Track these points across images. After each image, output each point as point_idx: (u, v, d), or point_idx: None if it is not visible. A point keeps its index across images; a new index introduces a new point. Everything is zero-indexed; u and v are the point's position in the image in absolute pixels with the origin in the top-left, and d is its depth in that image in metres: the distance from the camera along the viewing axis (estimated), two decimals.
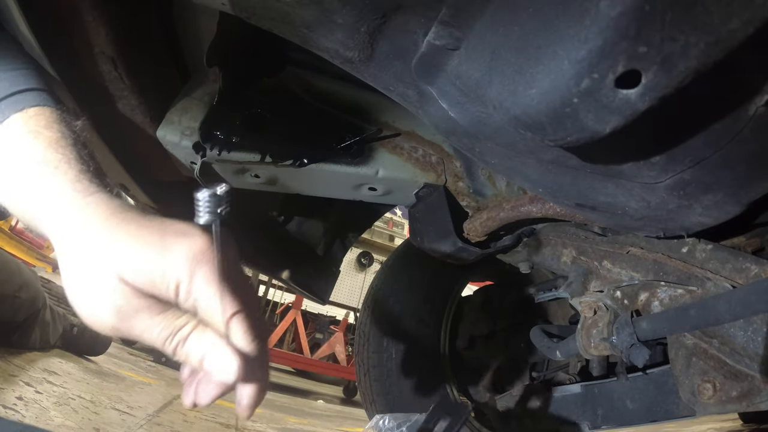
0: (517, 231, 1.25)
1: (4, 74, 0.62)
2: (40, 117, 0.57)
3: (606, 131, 0.45)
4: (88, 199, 0.48)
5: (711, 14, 0.38)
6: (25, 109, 0.57)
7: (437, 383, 1.38)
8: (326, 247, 1.62)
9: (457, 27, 0.52)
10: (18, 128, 0.55)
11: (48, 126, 0.55)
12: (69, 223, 0.46)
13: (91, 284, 0.43)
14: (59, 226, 0.47)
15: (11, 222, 5.42)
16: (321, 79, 1.19)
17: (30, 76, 0.64)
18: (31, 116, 0.56)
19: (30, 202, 0.49)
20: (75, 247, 0.45)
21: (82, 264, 0.44)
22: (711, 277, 0.86)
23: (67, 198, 0.48)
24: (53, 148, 0.52)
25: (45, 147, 0.52)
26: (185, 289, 0.44)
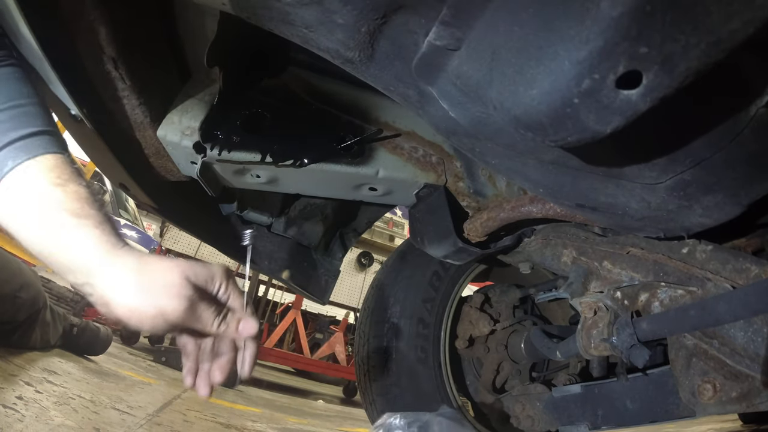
0: (518, 231, 1.25)
1: (11, 111, 0.64)
2: (59, 167, 0.62)
3: (607, 132, 0.45)
4: (120, 251, 0.60)
5: (712, 15, 0.38)
6: (41, 156, 0.62)
7: (437, 383, 1.38)
8: (326, 247, 1.62)
9: (458, 27, 0.52)
10: (40, 178, 0.60)
11: (71, 179, 0.62)
12: (118, 261, 0.58)
13: (166, 283, 0.58)
14: (105, 265, 0.57)
15: None
16: (321, 79, 1.19)
17: (36, 114, 0.67)
18: (50, 166, 0.62)
19: (66, 252, 0.58)
20: (135, 270, 0.58)
21: (151, 274, 0.58)
22: (711, 277, 0.86)
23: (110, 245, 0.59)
24: (82, 200, 0.60)
25: (74, 199, 0.60)
26: (224, 288, 0.65)
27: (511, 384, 1.47)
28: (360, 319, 1.54)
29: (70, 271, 0.59)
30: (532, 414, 1.27)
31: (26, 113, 0.66)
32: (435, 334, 1.41)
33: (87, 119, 0.89)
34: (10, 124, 0.63)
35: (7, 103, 0.65)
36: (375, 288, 1.54)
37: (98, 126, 0.93)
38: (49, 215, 0.58)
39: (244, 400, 3.59)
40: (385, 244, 10.60)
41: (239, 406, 3.13)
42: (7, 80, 0.68)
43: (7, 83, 0.68)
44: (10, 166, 0.60)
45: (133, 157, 1.07)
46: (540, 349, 1.28)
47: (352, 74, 0.72)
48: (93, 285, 0.58)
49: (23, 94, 0.68)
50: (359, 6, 0.55)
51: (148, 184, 1.15)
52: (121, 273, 0.57)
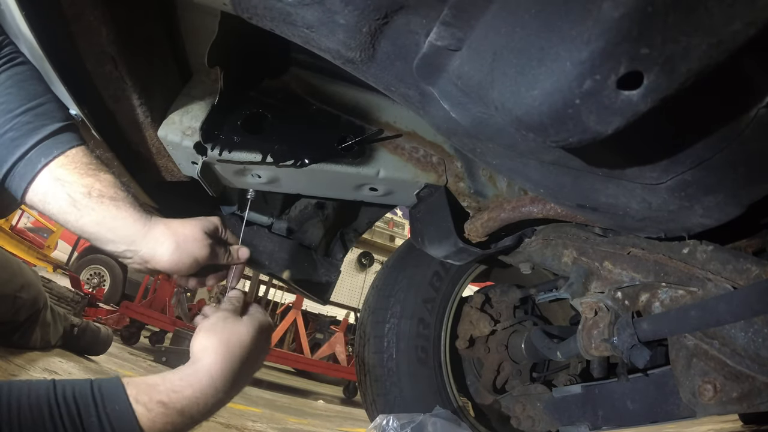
0: (518, 232, 1.25)
1: (36, 110, 0.71)
2: (87, 158, 0.72)
3: (608, 132, 0.45)
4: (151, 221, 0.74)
5: (713, 16, 0.38)
6: (69, 150, 0.71)
7: (438, 384, 1.37)
8: (327, 248, 1.62)
9: (459, 27, 0.52)
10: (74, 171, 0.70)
11: (99, 168, 0.73)
12: (153, 229, 0.73)
13: (194, 238, 0.75)
14: (146, 233, 0.72)
15: (12, 221, 5.42)
16: (322, 80, 1.19)
17: (56, 110, 0.74)
18: (79, 159, 0.71)
19: (109, 230, 0.71)
20: (168, 234, 0.73)
21: (181, 234, 0.74)
22: (712, 278, 0.86)
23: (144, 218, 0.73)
24: (115, 187, 0.72)
25: (109, 186, 0.71)
26: (223, 232, 0.83)
27: (512, 384, 1.47)
28: (360, 319, 1.54)
29: (112, 242, 0.72)
30: (532, 414, 1.27)
31: (49, 110, 0.73)
32: (435, 335, 1.41)
33: (87, 119, 0.89)
34: (37, 123, 0.70)
35: (30, 102, 0.71)
36: (376, 288, 1.53)
37: (99, 126, 0.93)
38: (90, 202, 0.69)
39: (244, 400, 3.59)
40: (385, 245, 10.60)
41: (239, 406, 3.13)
42: (26, 79, 0.73)
43: (27, 82, 0.73)
44: (43, 162, 0.69)
45: (134, 157, 1.07)
46: (540, 350, 1.27)
47: (353, 74, 0.72)
48: (135, 251, 0.72)
49: (41, 92, 0.74)
50: (360, 6, 0.55)
51: (149, 184, 1.15)
52: (159, 238, 0.72)
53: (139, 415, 0.54)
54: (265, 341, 0.73)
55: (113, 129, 0.99)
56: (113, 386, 0.55)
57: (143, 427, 0.54)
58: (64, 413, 0.50)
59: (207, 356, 0.63)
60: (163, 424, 0.55)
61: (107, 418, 0.52)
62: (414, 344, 1.37)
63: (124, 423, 0.53)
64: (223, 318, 0.70)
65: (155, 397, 0.56)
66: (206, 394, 0.60)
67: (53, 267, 5.89)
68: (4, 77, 0.71)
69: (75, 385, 0.54)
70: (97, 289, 6.84)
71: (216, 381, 0.61)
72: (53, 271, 5.88)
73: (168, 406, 0.56)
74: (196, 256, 0.75)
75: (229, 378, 0.63)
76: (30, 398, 0.50)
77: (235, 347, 0.66)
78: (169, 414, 0.56)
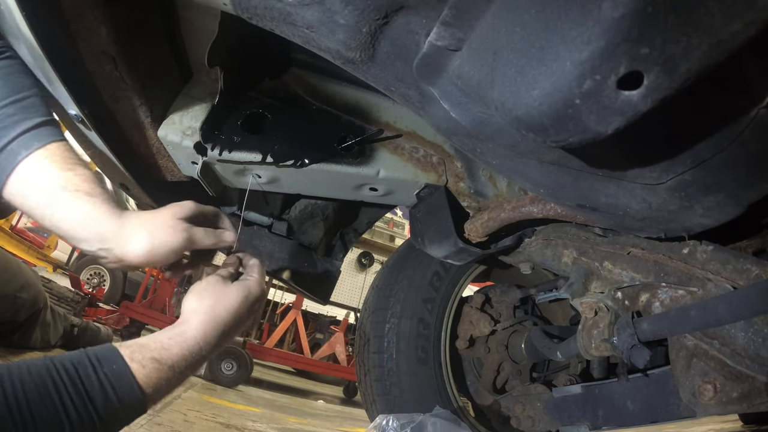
0: (518, 232, 1.25)
1: (20, 104, 0.73)
2: (66, 153, 0.73)
3: (608, 132, 0.45)
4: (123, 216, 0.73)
5: (713, 16, 0.38)
6: (49, 144, 0.72)
7: (438, 384, 1.37)
8: (327, 248, 1.62)
9: (459, 27, 0.52)
10: (52, 165, 0.70)
11: (77, 163, 0.73)
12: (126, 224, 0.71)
13: (167, 226, 0.73)
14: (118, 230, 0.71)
15: (12, 221, 5.42)
16: (322, 80, 1.19)
17: (39, 105, 0.76)
18: (58, 153, 0.72)
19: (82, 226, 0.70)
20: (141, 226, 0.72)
21: (154, 224, 0.73)
22: (712, 278, 0.86)
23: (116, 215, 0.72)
24: (91, 182, 0.72)
25: (85, 181, 0.71)
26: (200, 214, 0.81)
27: (512, 384, 1.47)
28: (360, 319, 1.54)
29: (85, 241, 0.71)
30: (532, 414, 1.27)
31: (32, 104, 0.74)
32: (435, 335, 1.41)
33: (88, 119, 0.89)
34: (21, 115, 0.72)
35: (15, 95, 0.73)
36: (376, 288, 1.53)
37: (99, 126, 0.93)
38: (65, 196, 0.69)
39: (244, 400, 3.59)
40: (385, 245, 10.59)
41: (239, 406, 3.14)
42: (12, 73, 0.75)
43: (13, 76, 0.74)
44: (23, 155, 0.69)
45: (134, 157, 1.07)
46: (540, 350, 1.27)
47: (353, 74, 0.72)
48: (108, 249, 0.71)
49: (27, 86, 0.76)
50: (360, 6, 0.55)
51: (149, 184, 1.15)
52: (131, 232, 0.71)
53: (135, 371, 0.58)
54: (250, 308, 0.75)
55: (113, 129, 0.99)
56: (108, 350, 0.59)
57: (140, 382, 0.58)
58: (66, 381, 0.53)
59: (195, 318, 0.68)
60: (158, 379, 0.60)
61: (106, 377, 0.56)
62: (414, 344, 1.37)
63: (123, 380, 0.57)
64: (214, 282, 0.74)
65: (147, 354, 0.61)
66: (192, 353, 0.65)
67: (53, 267, 5.89)
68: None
69: (71, 356, 0.57)
70: (97, 289, 6.84)
71: (200, 342, 0.66)
72: (53, 271, 5.87)
73: (160, 362, 0.61)
74: (172, 245, 0.73)
75: (213, 340, 0.68)
76: (31, 374, 0.52)
77: (220, 312, 0.70)
78: (161, 369, 0.61)
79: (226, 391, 3.82)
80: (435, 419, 1.03)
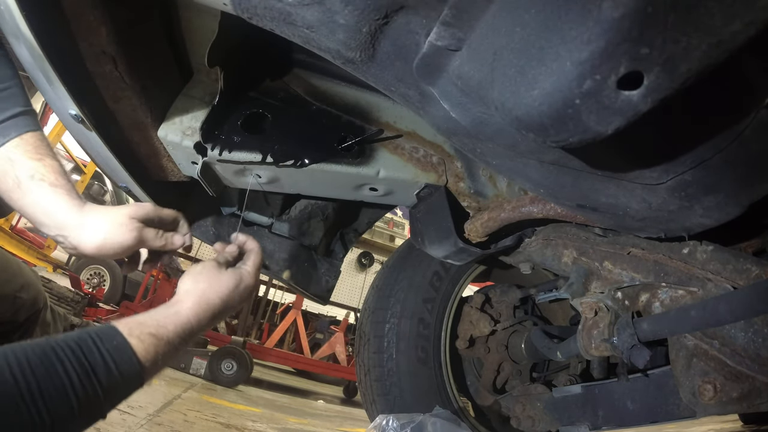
0: (518, 232, 1.25)
1: (1, 93, 0.77)
2: (38, 144, 0.78)
3: (608, 132, 0.45)
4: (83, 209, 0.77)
5: (713, 16, 0.38)
6: (25, 134, 0.76)
7: (438, 384, 1.37)
8: (327, 248, 1.62)
9: (459, 27, 0.52)
10: (24, 154, 0.75)
11: (47, 154, 0.78)
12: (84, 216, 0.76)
13: (120, 224, 0.77)
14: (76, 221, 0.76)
15: (12, 221, 5.42)
16: (322, 80, 1.19)
17: (19, 95, 0.79)
18: (32, 143, 0.77)
19: (44, 213, 0.75)
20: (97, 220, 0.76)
21: (108, 221, 0.76)
22: (712, 278, 0.86)
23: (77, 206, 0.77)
24: (57, 173, 0.77)
25: (51, 172, 0.76)
26: (158, 217, 0.83)
27: (512, 384, 1.47)
28: (360, 319, 1.54)
29: (46, 226, 0.77)
30: (532, 414, 1.27)
31: (12, 94, 0.78)
32: (435, 335, 1.41)
33: (87, 119, 0.89)
34: (1, 105, 0.76)
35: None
36: (376, 288, 1.53)
37: (99, 126, 0.93)
38: (32, 184, 0.74)
39: (244, 400, 3.59)
40: (385, 245, 10.60)
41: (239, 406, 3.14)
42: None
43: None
44: (1, 142, 0.75)
45: (134, 157, 1.07)
46: (540, 350, 1.27)
47: (353, 74, 0.72)
48: (66, 236, 0.76)
49: (8, 76, 0.79)
50: (360, 6, 0.55)
51: (149, 184, 1.15)
52: (88, 225, 0.76)
53: (135, 346, 0.62)
54: (241, 295, 0.80)
55: (113, 129, 0.99)
56: (108, 328, 0.63)
57: (139, 356, 0.62)
58: (70, 355, 0.56)
59: (188, 299, 0.73)
60: (155, 353, 0.64)
61: (108, 353, 0.59)
62: (414, 344, 1.37)
63: (124, 354, 0.60)
64: (210, 267, 0.79)
65: (145, 330, 0.65)
66: (185, 330, 0.70)
67: (53, 267, 5.89)
68: None
69: (72, 335, 0.59)
70: (97, 289, 6.84)
71: (193, 321, 0.71)
72: (53, 271, 5.87)
73: (157, 337, 0.65)
74: (121, 242, 0.78)
75: (204, 320, 0.73)
76: (36, 353, 0.54)
77: (212, 296, 0.75)
78: (158, 344, 0.65)
79: (226, 391, 3.83)
80: (435, 419, 1.03)
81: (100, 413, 0.59)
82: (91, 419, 0.58)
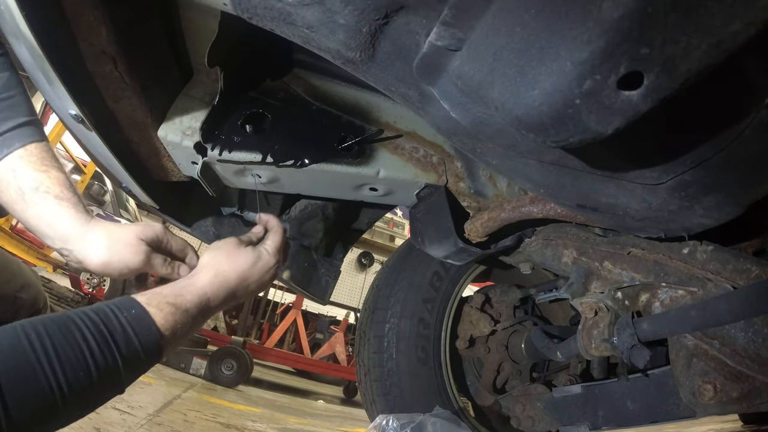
0: (518, 232, 1.25)
1: (5, 102, 0.76)
2: (43, 155, 0.77)
3: (608, 132, 0.45)
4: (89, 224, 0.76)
5: (713, 16, 0.38)
6: (29, 145, 0.75)
7: (438, 384, 1.37)
8: (327, 248, 1.62)
9: (459, 27, 0.52)
10: (29, 165, 0.74)
11: (52, 165, 0.76)
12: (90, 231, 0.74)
13: (127, 244, 0.75)
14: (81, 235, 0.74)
15: (12, 221, 5.42)
16: (322, 80, 1.19)
17: (23, 104, 0.79)
18: (36, 154, 0.76)
19: (49, 226, 0.74)
20: (104, 237, 0.74)
21: (115, 239, 0.75)
22: (712, 278, 0.86)
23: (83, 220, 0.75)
24: (62, 186, 0.75)
25: (56, 185, 0.75)
26: (167, 242, 0.82)
27: (512, 384, 1.47)
28: (360, 319, 1.54)
29: (50, 238, 0.75)
30: (532, 414, 1.27)
31: (16, 103, 0.78)
32: (435, 335, 1.41)
33: (87, 119, 0.89)
34: (5, 114, 0.75)
35: (1, 94, 0.76)
36: (376, 288, 1.53)
37: (99, 126, 0.93)
38: (36, 196, 0.73)
39: (244, 400, 3.59)
40: (385, 245, 10.60)
41: (239, 406, 3.14)
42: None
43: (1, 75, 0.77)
44: (4, 153, 0.74)
45: (134, 157, 1.07)
46: (540, 350, 1.27)
47: (353, 74, 0.72)
48: (70, 250, 0.75)
49: (13, 85, 0.78)
50: (360, 6, 0.55)
51: (149, 184, 1.15)
52: (93, 240, 0.74)
53: (153, 314, 0.62)
54: (259, 274, 0.80)
55: (113, 129, 0.99)
56: (125, 299, 0.63)
57: (158, 324, 0.62)
58: (89, 323, 0.56)
59: (204, 272, 0.74)
60: (174, 322, 0.64)
61: (127, 321, 0.59)
62: (414, 344, 1.37)
63: (142, 323, 0.61)
64: (230, 243, 0.80)
65: (163, 299, 0.65)
66: (201, 302, 0.70)
67: (53, 267, 5.89)
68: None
69: (90, 307, 0.59)
70: (97, 289, 6.83)
71: (209, 293, 0.72)
72: (53, 271, 5.87)
73: (175, 306, 0.65)
74: (127, 263, 0.76)
75: (221, 294, 0.73)
76: (54, 321, 0.54)
77: (228, 271, 0.75)
78: (176, 313, 0.65)
79: (226, 391, 3.83)
80: (435, 419, 1.03)
81: (119, 385, 0.59)
82: (111, 390, 0.58)
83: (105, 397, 0.58)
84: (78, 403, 0.53)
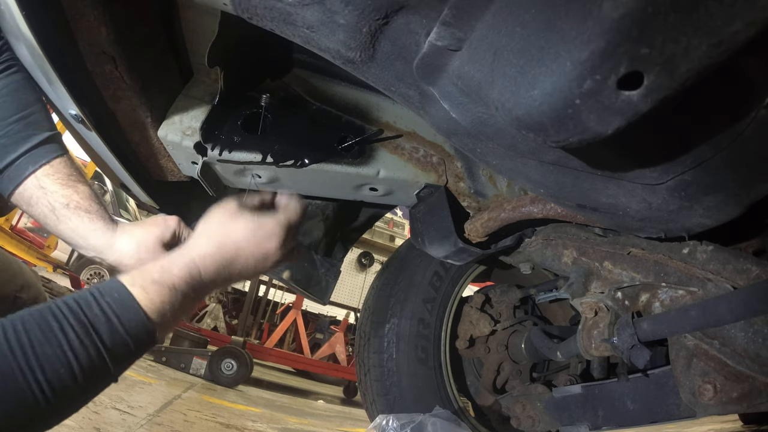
0: (518, 232, 1.25)
1: (26, 120, 0.77)
2: (68, 169, 0.79)
3: (608, 132, 0.45)
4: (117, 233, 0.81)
5: (713, 16, 0.38)
6: (53, 160, 0.78)
7: (438, 384, 1.37)
8: (327, 248, 1.62)
9: (459, 27, 0.52)
10: (56, 181, 0.77)
11: (78, 180, 0.80)
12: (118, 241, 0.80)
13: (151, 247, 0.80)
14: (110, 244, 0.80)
15: (12, 221, 5.42)
16: (322, 80, 1.19)
17: (44, 120, 0.80)
18: (61, 169, 0.79)
19: (80, 239, 0.79)
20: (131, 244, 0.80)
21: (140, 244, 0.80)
22: (712, 278, 0.86)
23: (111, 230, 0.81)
24: (90, 199, 0.79)
25: (85, 199, 0.79)
26: (183, 234, 0.85)
27: (512, 384, 1.47)
28: (360, 319, 1.54)
29: (84, 249, 0.80)
30: (532, 414, 1.27)
31: (37, 120, 0.79)
32: (435, 335, 1.41)
33: (87, 119, 0.89)
34: (26, 132, 0.77)
35: (22, 111, 0.77)
36: (376, 288, 1.53)
37: (99, 126, 0.93)
38: (67, 212, 0.77)
39: (244, 400, 3.59)
40: (385, 245, 10.58)
41: (239, 406, 3.14)
42: (18, 89, 0.78)
43: (19, 92, 0.78)
44: (30, 170, 0.76)
45: (134, 157, 1.07)
46: (540, 350, 1.27)
47: (353, 74, 0.72)
48: (104, 258, 0.80)
49: (32, 101, 0.80)
50: (360, 6, 0.55)
51: (149, 184, 1.15)
52: (123, 248, 0.80)
53: (138, 296, 0.58)
54: (258, 243, 0.71)
55: (113, 129, 0.99)
56: (110, 282, 0.59)
57: (144, 307, 0.57)
58: (69, 315, 0.53)
59: (198, 240, 0.69)
60: (161, 302, 0.59)
61: (109, 306, 0.55)
62: (414, 344, 1.37)
63: (126, 306, 0.57)
64: (228, 208, 0.73)
65: (148, 277, 0.60)
66: (192, 274, 0.64)
67: (53, 267, 5.89)
68: (1, 84, 0.77)
69: (74, 294, 0.57)
70: None
71: (199, 264, 0.65)
72: (53, 271, 5.87)
73: (161, 283, 0.60)
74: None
75: (214, 265, 0.67)
76: (33, 315, 0.52)
77: (222, 238, 0.69)
78: (162, 291, 0.60)
79: (226, 391, 3.83)
80: (435, 419, 1.03)
81: (108, 375, 0.55)
82: (99, 383, 0.55)
83: (95, 390, 0.56)
84: (63, 400, 0.51)
